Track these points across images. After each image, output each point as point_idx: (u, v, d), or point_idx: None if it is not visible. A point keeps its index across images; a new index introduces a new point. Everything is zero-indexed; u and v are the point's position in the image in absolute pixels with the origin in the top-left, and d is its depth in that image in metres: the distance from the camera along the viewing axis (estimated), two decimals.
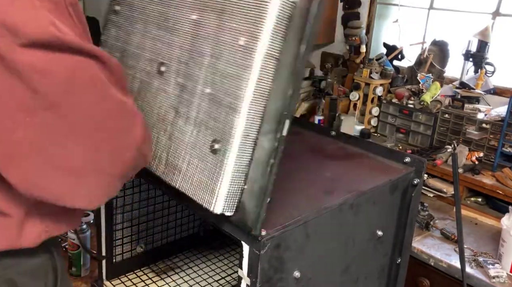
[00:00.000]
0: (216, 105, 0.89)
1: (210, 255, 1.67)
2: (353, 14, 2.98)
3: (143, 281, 1.50)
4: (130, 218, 1.48)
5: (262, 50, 0.82)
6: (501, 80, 2.45)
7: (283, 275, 0.91)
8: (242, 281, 0.90)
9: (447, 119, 2.37)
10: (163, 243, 1.61)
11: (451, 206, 2.20)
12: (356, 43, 2.86)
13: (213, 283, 1.52)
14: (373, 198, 1.09)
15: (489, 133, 2.20)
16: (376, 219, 1.12)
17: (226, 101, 0.87)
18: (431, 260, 1.82)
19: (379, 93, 2.71)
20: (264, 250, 0.85)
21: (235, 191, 0.87)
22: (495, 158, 2.17)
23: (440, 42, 2.62)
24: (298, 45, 0.83)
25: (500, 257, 1.74)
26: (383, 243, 1.16)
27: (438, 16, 2.74)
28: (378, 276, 1.21)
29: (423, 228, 1.98)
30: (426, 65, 2.61)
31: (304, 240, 0.94)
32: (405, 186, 1.16)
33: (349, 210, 1.03)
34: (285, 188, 1.07)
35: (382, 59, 2.77)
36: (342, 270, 1.08)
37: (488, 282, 1.67)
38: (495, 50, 2.43)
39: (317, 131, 1.43)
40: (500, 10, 2.45)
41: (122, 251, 1.49)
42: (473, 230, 2.02)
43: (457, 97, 2.38)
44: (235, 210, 0.89)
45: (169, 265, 1.59)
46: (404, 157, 1.20)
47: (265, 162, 0.86)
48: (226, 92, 0.87)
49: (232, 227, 0.91)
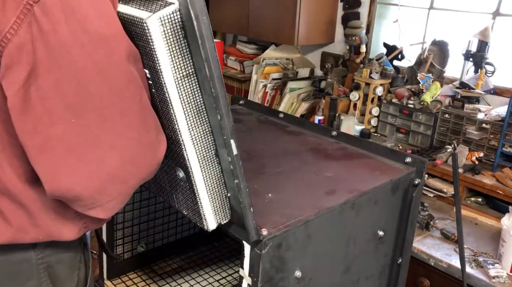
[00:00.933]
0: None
1: (211, 254, 1.67)
2: (353, 14, 2.98)
3: (144, 281, 1.50)
4: (131, 218, 1.48)
5: (168, 79, 0.76)
6: (501, 80, 2.45)
7: (284, 274, 0.92)
8: (243, 280, 0.90)
9: (447, 119, 2.37)
10: (164, 243, 1.61)
11: (451, 206, 2.20)
12: (356, 43, 2.86)
13: (214, 283, 1.52)
14: (374, 198, 1.09)
15: (489, 133, 2.21)
16: (377, 219, 1.12)
17: (167, 134, 0.85)
18: (431, 260, 1.83)
19: (379, 93, 2.71)
20: (266, 249, 0.86)
21: (220, 203, 0.88)
22: (495, 158, 2.17)
23: (440, 42, 2.62)
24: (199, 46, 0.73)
25: (500, 257, 1.74)
26: (384, 243, 1.17)
27: (438, 16, 2.75)
28: (379, 276, 1.21)
29: (423, 228, 1.98)
30: (426, 65, 2.61)
31: (305, 240, 0.94)
32: (406, 186, 1.17)
33: (351, 210, 1.03)
34: (286, 188, 1.07)
35: (382, 59, 2.77)
36: (343, 270, 1.08)
37: (488, 282, 1.67)
38: (495, 50, 2.43)
39: (317, 131, 1.43)
40: (500, 10, 2.45)
41: (123, 251, 1.49)
42: (473, 230, 2.02)
43: (457, 97, 2.38)
44: (230, 214, 0.89)
45: (170, 264, 1.59)
46: (405, 157, 1.21)
47: (230, 171, 0.83)
48: (164, 125, 0.85)
49: (232, 228, 0.92)
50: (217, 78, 0.73)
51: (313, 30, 3.00)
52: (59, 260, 0.93)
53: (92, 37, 0.72)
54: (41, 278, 0.90)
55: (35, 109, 0.73)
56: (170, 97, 0.77)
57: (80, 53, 0.72)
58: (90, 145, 0.75)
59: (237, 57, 3.64)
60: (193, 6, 0.69)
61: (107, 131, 0.76)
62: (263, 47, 3.56)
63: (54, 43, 0.70)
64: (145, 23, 0.72)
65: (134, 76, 0.77)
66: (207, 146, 0.83)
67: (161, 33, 0.72)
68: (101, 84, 0.74)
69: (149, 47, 0.74)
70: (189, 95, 0.78)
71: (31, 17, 0.69)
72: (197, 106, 0.80)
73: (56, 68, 0.71)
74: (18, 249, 0.87)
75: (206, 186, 0.85)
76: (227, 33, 3.87)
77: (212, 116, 0.79)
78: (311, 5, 2.90)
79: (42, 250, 0.90)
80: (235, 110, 1.61)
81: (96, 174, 0.77)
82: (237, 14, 3.24)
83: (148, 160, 0.82)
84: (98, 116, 0.75)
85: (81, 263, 0.99)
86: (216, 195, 0.86)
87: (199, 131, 0.81)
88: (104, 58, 0.73)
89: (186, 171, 0.85)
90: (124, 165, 0.78)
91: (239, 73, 3.56)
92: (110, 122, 0.76)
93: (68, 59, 0.71)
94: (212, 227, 0.88)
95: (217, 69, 0.73)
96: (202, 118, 0.81)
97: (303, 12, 2.87)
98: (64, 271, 0.95)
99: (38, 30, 0.70)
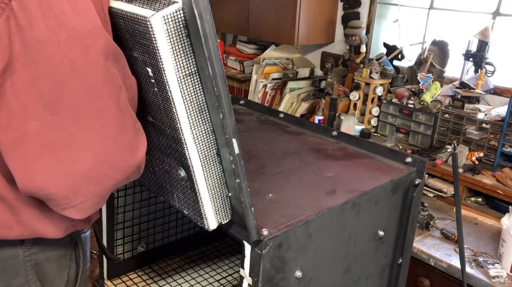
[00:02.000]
0: (163, 136, 0.88)
1: (211, 254, 1.67)
2: (353, 14, 2.98)
3: (144, 281, 1.50)
4: (131, 218, 1.48)
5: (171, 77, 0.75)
6: (501, 80, 2.45)
7: (284, 274, 0.92)
8: (244, 280, 0.90)
9: (447, 119, 2.37)
10: (164, 242, 1.61)
11: (451, 206, 2.20)
12: (356, 43, 2.86)
13: (214, 283, 1.52)
14: (375, 198, 1.09)
15: (489, 133, 2.21)
16: (378, 219, 1.12)
17: (169, 132, 0.85)
18: (431, 260, 1.83)
19: (379, 93, 2.71)
20: (266, 249, 0.86)
21: (221, 202, 0.88)
22: (495, 158, 2.17)
23: (440, 42, 2.62)
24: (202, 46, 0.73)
25: (500, 257, 1.74)
26: (384, 243, 1.17)
27: (438, 16, 2.75)
28: (379, 276, 1.21)
29: (423, 228, 1.98)
30: (426, 65, 2.61)
31: (306, 240, 0.94)
32: (406, 186, 1.17)
33: (351, 210, 1.03)
34: (286, 188, 1.07)
35: (382, 59, 2.77)
36: (343, 270, 1.08)
37: (488, 282, 1.67)
38: (495, 50, 2.43)
39: (317, 131, 1.43)
40: (500, 10, 2.45)
41: (123, 251, 1.49)
42: (473, 230, 2.02)
43: (457, 97, 2.38)
44: (231, 214, 0.89)
45: (170, 264, 1.59)
46: (406, 157, 1.21)
47: (232, 171, 0.83)
48: (166, 124, 0.84)
49: (233, 228, 0.92)
50: (220, 77, 0.74)
51: (313, 30, 3.00)
52: (47, 258, 0.92)
53: (69, 33, 0.71)
54: (28, 275, 0.90)
55: (9, 104, 0.72)
56: (173, 96, 0.77)
57: (57, 50, 0.71)
58: (64, 143, 0.74)
59: (237, 57, 3.64)
60: (197, 5, 0.69)
61: (81, 130, 0.75)
62: (263, 47, 3.56)
63: (31, 39, 0.70)
64: (148, 22, 0.72)
65: (111, 74, 0.77)
66: (209, 145, 0.83)
67: (165, 32, 0.72)
68: (77, 81, 0.73)
69: (152, 45, 0.74)
70: (191, 94, 0.78)
71: (9, 11, 0.69)
72: (199, 105, 0.79)
73: (32, 64, 0.71)
74: (5, 246, 0.87)
75: (207, 185, 0.84)
76: (227, 33, 3.86)
77: (214, 116, 0.79)
78: (311, 5, 2.90)
79: (30, 247, 0.89)
80: (235, 110, 1.61)
81: (69, 173, 0.76)
82: (237, 14, 3.24)
83: (125, 161, 0.80)
84: (73, 115, 0.74)
85: (71, 262, 0.98)
86: (217, 194, 0.86)
87: (201, 130, 0.81)
88: (80, 56, 0.73)
89: (187, 170, 0.85)
90: (98, 166, 0.77)
91: (239, 73, 3.56)
92: (84, 121, 0.75)
93: (45, 55, 0.71)
94: (213, 227, 0.88)
95: (220, 68, 0.73)
96: (204, 118, 0.81)
97: (303, 12, 2.87)
98: (52, 269, 0.94)
99: (15, 25, 0.69)
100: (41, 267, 0.92)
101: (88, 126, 0.75)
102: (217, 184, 0.86)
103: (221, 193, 0.87)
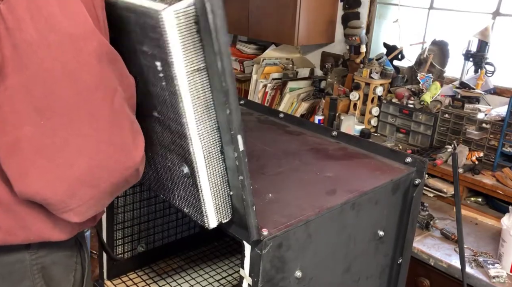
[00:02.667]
0: (168, 131, 0.87)
1: (211, 254, 1.67)
2: (353, 14, 2.98)
3: (144, 281, 1.50)
4: (131, 218, 1.48)
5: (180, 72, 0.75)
6: (501, 80, 2.45)
7: (284, 274, 0.91)
8: (243, 281, 0.90)
9: (447, 119, 2.37)
10: (164, 242, 1.61)
11: (451, 206, 2.20)
12: (356, 43, 2.86)
13: (214, 283, 1.52)
14: (375, 198, 1.09)
15: (489, 133, 2.21)
16: (378, 219, 1.12)
17: (174, 127, 0.84)
18: (431, 260, 1.83)
19: (379, 93, 2.71)
20: (266, 249, 0.85)
21: (222, 201, 0.87)
22: (495, 158, 2.17)
23: (440, 42, 2.62)
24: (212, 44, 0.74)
25: (500, 257, 1.74)
26: (384, 243, 1.16)
27: (438, 16, 2.75)
28: (379, 276, 1.21)
29: (423, 228, 1.98)
30: (426, 65, 2.61)
31: (305, 240, 0.94)
32: (406, 186, 1.16)
33: (351, 210, 1.03)
34: (286, 188, 1.07)
35: (382, 59, 2.77)
36: (343, 270, 1.08)
37: (488, 282, 1.67)
38: (495, 50, 2.43)
39: (317, 131, 1.43)
40: (500, 10, 2.45)
41: (123, 251, 1.49)
42: (473, 230, 2.02)
43: (457, 97, 2.38)
44: (231, 214, 0.89)
45: (170, 264, 1.59)
46: (406, 157, 1.20)
47: (235, 169, 0.82)
48: (172, 119, 0.84)
49: (233, 228, 0.91)
50: (228, 72, 0.74)
51: (313, 30, 3.00)
52: (53, 261, 0.92)
53: (59, 36, 0.70)
54: (35, 279, 0.89)
55: (3, 109, 0.71)
56: (180, 90, 0.77)
57: (47, 53, 0.70)
58: (58, 148, 0.73)
59: (237, 57, 3.64)
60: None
61: (75, 134, 0.74)
62: (263, 47, 3.56)
63: (21, 42, 0.69)
64: (160, 15, 0.72)
65: (105, 77, 0.75)
66: (213, 142, 0.83)
67: (176, 26, 0.72)
68: (68, 86, 0.72)
69: (162, 39, 0.74)
70: (198, 90, 0.78)
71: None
72: (206, 101, 0.80)
73: (23, 68, 0.70)
74: (11, 250, 0.86)
75: (210, 182, 0.85)
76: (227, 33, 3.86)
77: (220, 113, 0.79)
78: (311, 5, 2.90)
79: (36, 250, 0.89)
80: None
81: (64, 177, 0.75)
82: (237, 14, 3.24)
83: (121, 164, 0.79)
84: (66, 119, 0.73)
85: (77, 264, 0.97)
86: (219, 192, 0.86)
87: (206, 127, 0.81)
88: (71, 59, 0.71)
89: (190, 166, 0.85)
90: (93, 169, 0.76)
91: (239, 73, 3.56)
92: (78, 125, 0.74)
93: (35, 59, 0.70)
94: (213, 225, 0.88)
95: (228, 63, 0.74)
96: (210, 114, 0.81)
97: (303, 12, 2.87)
98: (59, 272, 0.93)
99: (4, 28, 0.68)
100: (48, 271, 0.91)
101: (81, 131, 0.74)
102: (219, 181, 0.86)
103: (223, 191, 0.87)
